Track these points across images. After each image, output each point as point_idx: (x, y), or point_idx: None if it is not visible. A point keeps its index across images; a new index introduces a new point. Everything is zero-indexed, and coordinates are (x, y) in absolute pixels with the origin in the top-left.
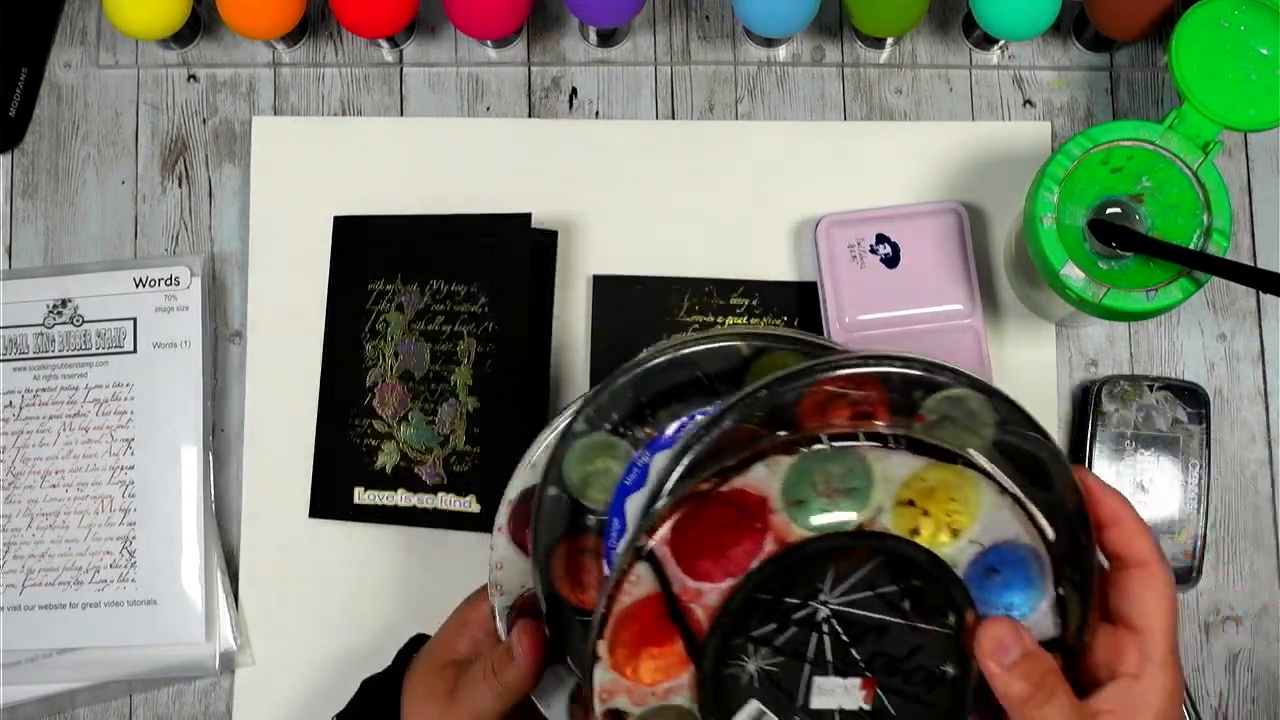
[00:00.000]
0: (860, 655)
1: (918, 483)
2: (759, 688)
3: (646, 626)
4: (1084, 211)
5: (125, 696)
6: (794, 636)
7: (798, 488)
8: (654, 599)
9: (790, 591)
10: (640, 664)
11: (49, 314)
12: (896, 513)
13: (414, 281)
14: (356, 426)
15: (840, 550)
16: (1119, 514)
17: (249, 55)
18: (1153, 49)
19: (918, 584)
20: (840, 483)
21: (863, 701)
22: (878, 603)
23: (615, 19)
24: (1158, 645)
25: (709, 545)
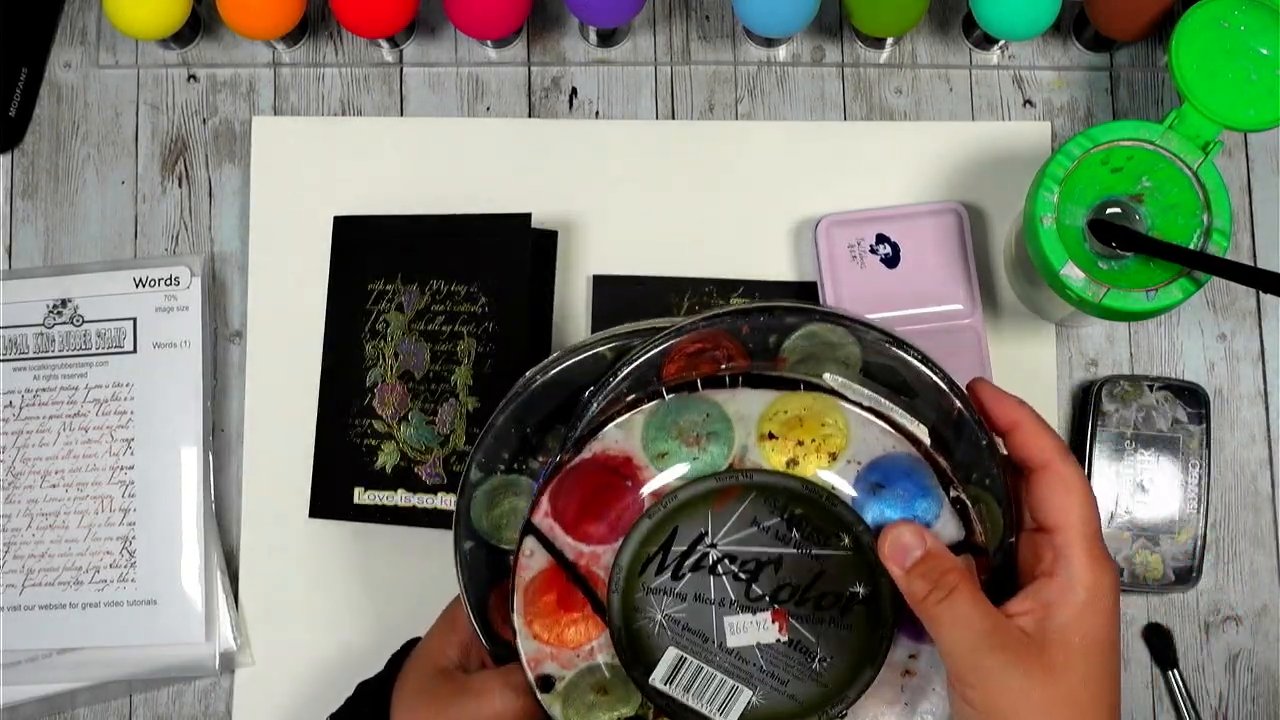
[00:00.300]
0: (763, 590)
1: (779, 415)
2: (672, 635)
3: (555, 595)
4: (1084, 211)
5: (125, 696)
6: (692, 582)
7: (658, 442)
8: (553, 569)
9: (676, 539)
10: (558, 630)
11: (49, 314)
12: (764, 447)
13: (414, 281)
14: (356, 426)
15: (713, 493)
16: (1016, 419)
17: (249, 55)
18: (1153, 49)
19: (799, 512)
20: (700, 429)
21: (778, 633)
22: (765, 536)
23: (615, 19)
24: (1073, 542)
25: (589, 510)
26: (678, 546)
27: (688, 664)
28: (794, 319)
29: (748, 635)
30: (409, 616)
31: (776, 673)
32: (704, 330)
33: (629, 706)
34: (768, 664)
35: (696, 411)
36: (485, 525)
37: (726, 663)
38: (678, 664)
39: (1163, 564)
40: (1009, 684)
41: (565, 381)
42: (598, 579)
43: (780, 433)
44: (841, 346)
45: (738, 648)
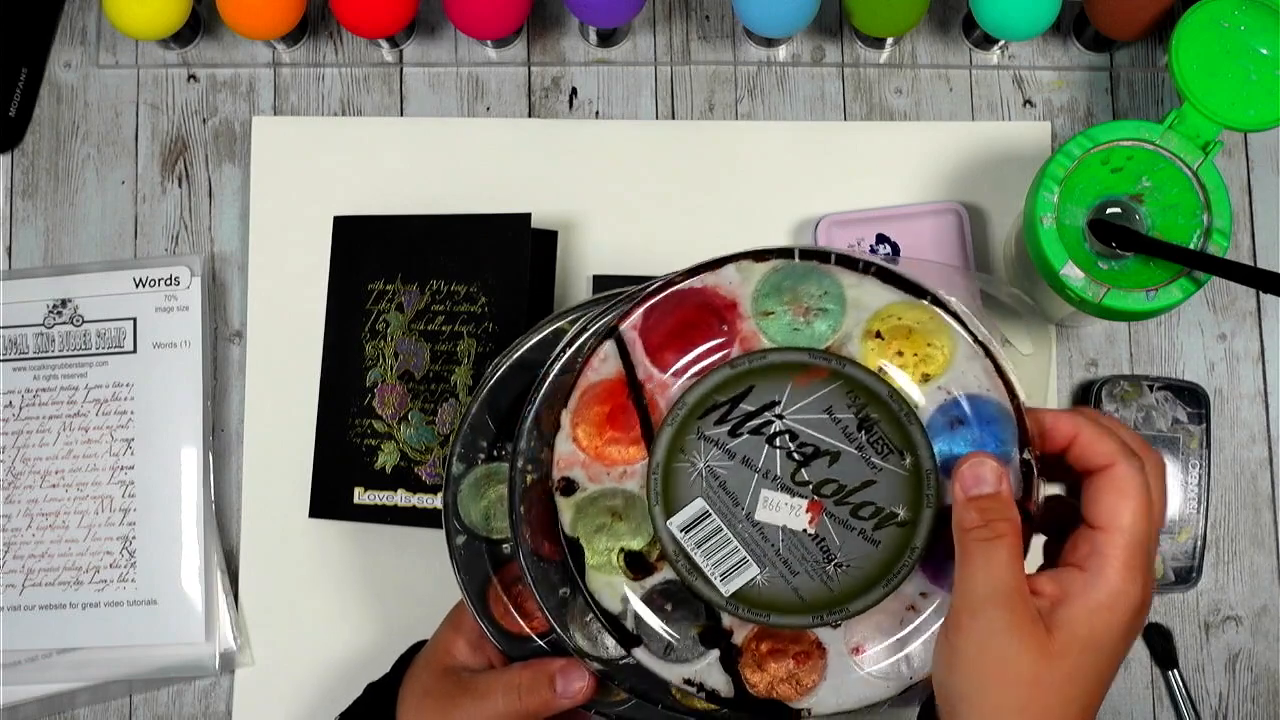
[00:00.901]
0: (810, 477)
1: (891, 317)
2: (707, 487)
3: (610, 409)
4: (1084, 211)
5: (125, 696)
6: (747, 444)
7: (769, 299)
8: (618, 382)
9: (749, 398)
10: (599, 443)
11: (49, 314)
12: (866, 343)
13: (414, 281)
14: (356, 426)
15: (802, 367)
16: (1070, 432)
17: (249, 55)
18: (1153, 49)
19: (876, 417)
20: (813, 302)
21: (807, 524)
22: (833, 428)
23: (615, 19)
24: (1113, 544)
25: (676, 339)
26: (747, 405)
27: (710, 520)
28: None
29: (779, 515)
30: (409, 616)
31: (790, 561)
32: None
33: (636, 540)
34: (785, 549)
35: (816, 284)
36: (475, 517)
37: (747, 533)
38: (701, 516)
39: (1163, 564)
40: (1001, 646)
41: (530, 362)
42: (656, 407)
43: (887, 335)
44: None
45: (764, 523)
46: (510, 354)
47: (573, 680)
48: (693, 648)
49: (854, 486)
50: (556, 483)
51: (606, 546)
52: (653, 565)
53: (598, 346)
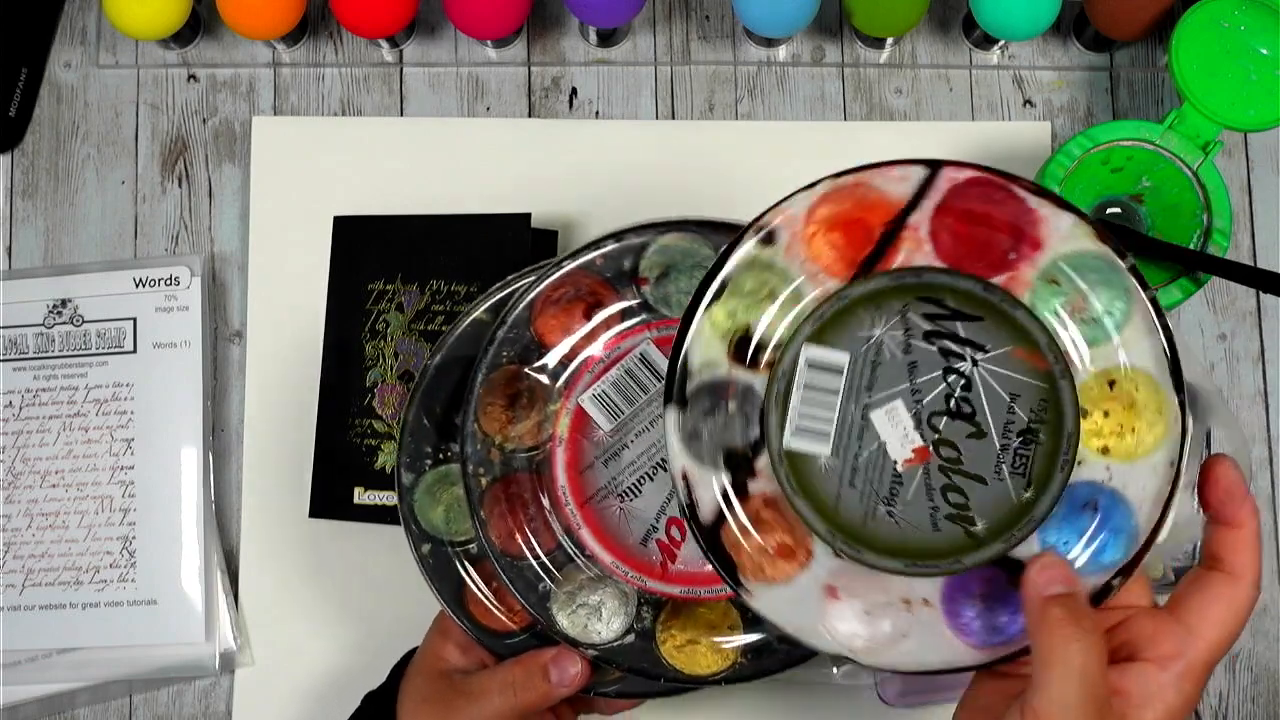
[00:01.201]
0: (944, 430)
1: (1133, 381)
2: (864, 352)
3: (860, 221)
4: None
5: (125, 696)
6: (929, 356)
7: (1063, 273)
8: (891, 206)
9: (969, 324)
10: (822, 236)
11: (49, 314)
12: (1095, 382)
13: (414, 281)
14: (356, 426)
15: (1035, 348)
16: (1241, 520)
17: (249, 55)
18: (1153, 49)
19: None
20: (1093, 309)
21: (903, 463)
22: (1003, 414)
23: (615, 19)
24: (1199, 649)
25: (969, 226)
26: (963, 329)
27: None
28: (642, 238)
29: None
30: (408, 616)
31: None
32: (562, 275)
33: (768, 331)
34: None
35: (1110, 300)
36: (435, 523)
37: (850, 417)
38: (833, 367)
39: (1163, 564)
40: None
41: (456, 358)
42: (897, 252)
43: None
44: (694, 252)
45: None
46: (435, 353)
47: (566, 668)
48: (712, 455)
49: (968, 472)
50: (763, 226)
51: (737, 311)
52: (755, 364)
53: (909, 164)
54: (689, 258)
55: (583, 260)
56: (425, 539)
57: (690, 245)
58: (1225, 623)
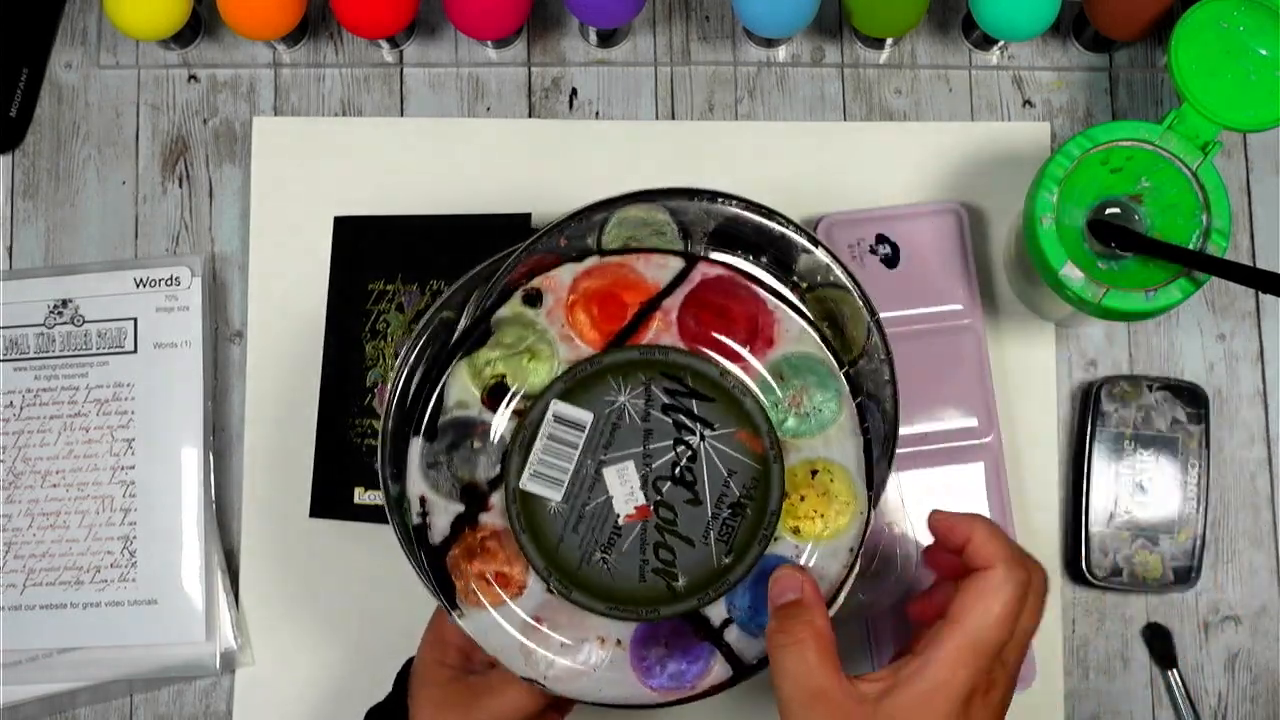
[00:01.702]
0: (664, 494)
1: (831, 473)
2: (605, 415)
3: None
4: (1083, 212)
5: (126, 696)
6: (664, 425)
7: (791, 368)
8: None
9: (704, 405)
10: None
11: (50, 314)
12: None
13: (414, 281)
14: (357, 426)
15: (756, 433)
16: (967, 533)
17: (249, 56)
18: (1152, 49)
19: (749, 515)
20: (808, 404)
21: (625, 517)
22: (719, 487)
23: (615, 19)
24: (950, 637)
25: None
26: (697, 407)
27: (578, 434)
28: (600, 214)
29: (618, 489)
30: (409, 616)
31: (582, 521)
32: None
33: (519, 383)
34: (590, 511)
35: (825, 397)
36: None
37: (584, 470)
38: (576, 424)
39: (1162, 564)
40: None
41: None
42: (646, 332)
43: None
44: (651, 219)
45: (604, 480)
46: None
47: None
48: (451, 487)
49: (680, 533)
50: (529, 288)
51: (494, 361)
52: (503, 409)
53: (669, 256)
54: (647, 225)
55: (547, 244)
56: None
57: (647, 214)
58: (975, 606)
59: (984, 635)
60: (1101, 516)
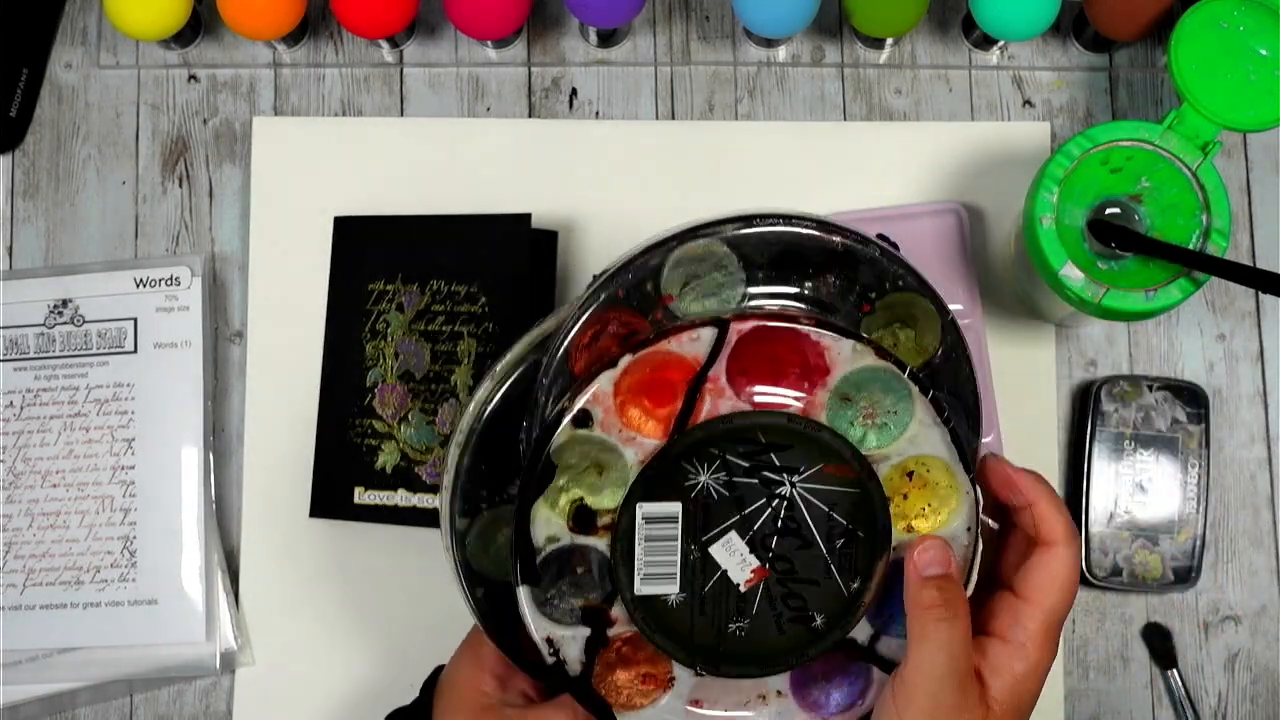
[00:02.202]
0: (776, 548)
1: (925, 466)
2: (692, 499)
3: (663, 381)
4: (1083, 212)
5: (126, 696)
6: (752, 487)
7: (854, 387)
8: (689, 364)
9: (781, 453)
10: (632, 403)
11: (50, 314)
12: (894, 473)
13: (414, 281)
14: (356, 426)
15: (841, 459)
16: (1032, 498)
17: (249, 56)
18: (1152, 49)
19: (861, 537)
20: (882, 414)
21: (744, 584)
22: (824, 523)
23: (615, 19)
24: (1037, 619)
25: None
26: (776, 457)
27: (673, 526)
28: (655, 258)
29: (729, 560)
30: (409, 616)
31: (708, 601)
32: (589, 316)
33: (600, 498)
34: (711, 589)
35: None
36: (489, 566)
37: (692, 555)
38: (668, 518)
39: (1162, 564)
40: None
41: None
42: (702, 406)
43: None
44: (712, 253)
45: (713, 557)
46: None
47: None
48: (570, 614)
49: (802, 578)
50: (577, 411)
51: (569, 488)
52: (596, 529)
53: (699, 327)
54: (705, 261)
55: (608, 298)
56: (481, 583)
57: (704, 249)
58: (1052, 586)
59: (1060, 614)
60: (1101, 516)
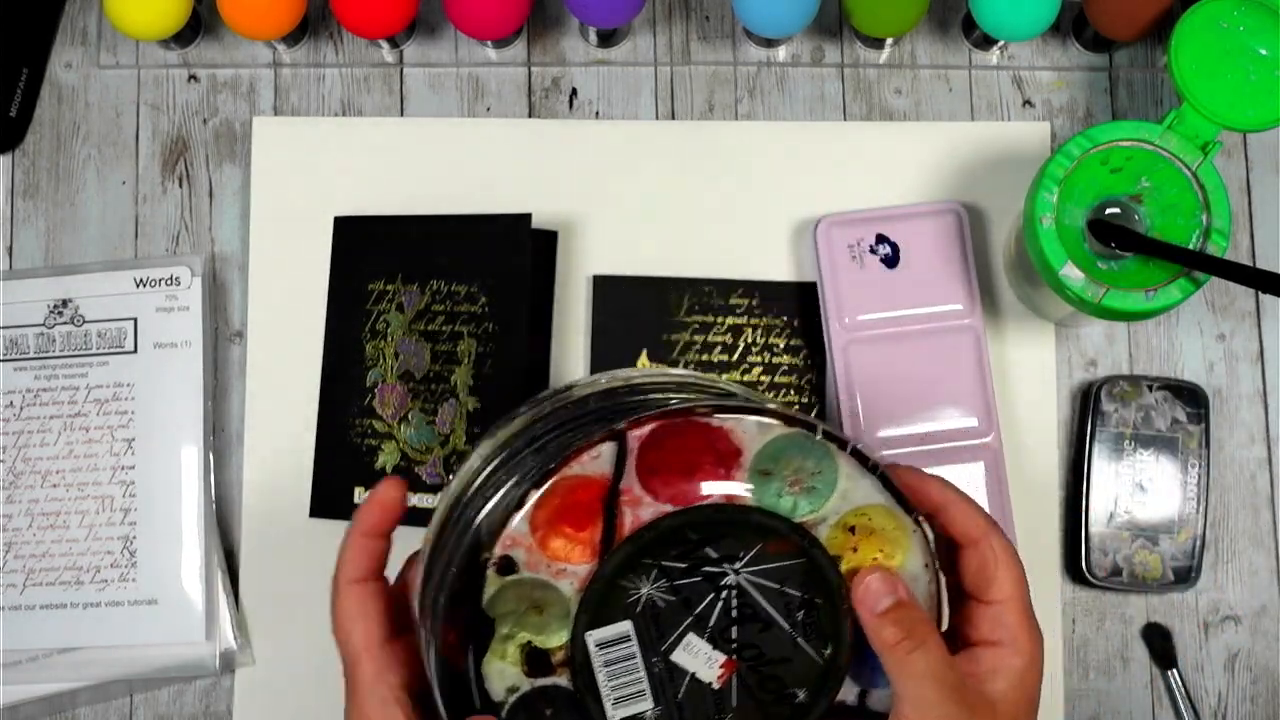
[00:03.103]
0: (737, 637)
1: (865, 516)
2: (638, 613)
3: (578, 505)
4: (1083, 211)
5: (126, 696)
6: (695, 586)
7: (771, 460)
8: (599, 483)
9: (715, 544)
10: (553, 535)
11: (50, 314)
12: (836, 531)
13: (414, 281)
14: (356, 426)
15: (777, 534)
16: (944, 499)
17: (249, 55)
18: (1152, 49)
19: (820, 604)
20: (807, 480)
21: (716, 680)
22: (779, 600)
23: (615, 19)
24: (1011, 611)
25: (672, 467)
26: (712, 551)
27: (628, 645)
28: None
29: (694, 662)
30: None
31: (685, 707)
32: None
33: (544, 637)
34: (685, 694)
35: (816, 463)
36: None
37: (657, 668)
38: (621, 639)
39: (1162, 564)
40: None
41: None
42: (623, 521)
43: (858, 530)
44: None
45: (677, 664)
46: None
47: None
48: None
49: (773, 658)
50: (496, 559)
51: (513, 634)
52: (553, 668)
53: (597, 444)
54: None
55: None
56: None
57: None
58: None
59: (1026, 599)
60: (1101, 516)
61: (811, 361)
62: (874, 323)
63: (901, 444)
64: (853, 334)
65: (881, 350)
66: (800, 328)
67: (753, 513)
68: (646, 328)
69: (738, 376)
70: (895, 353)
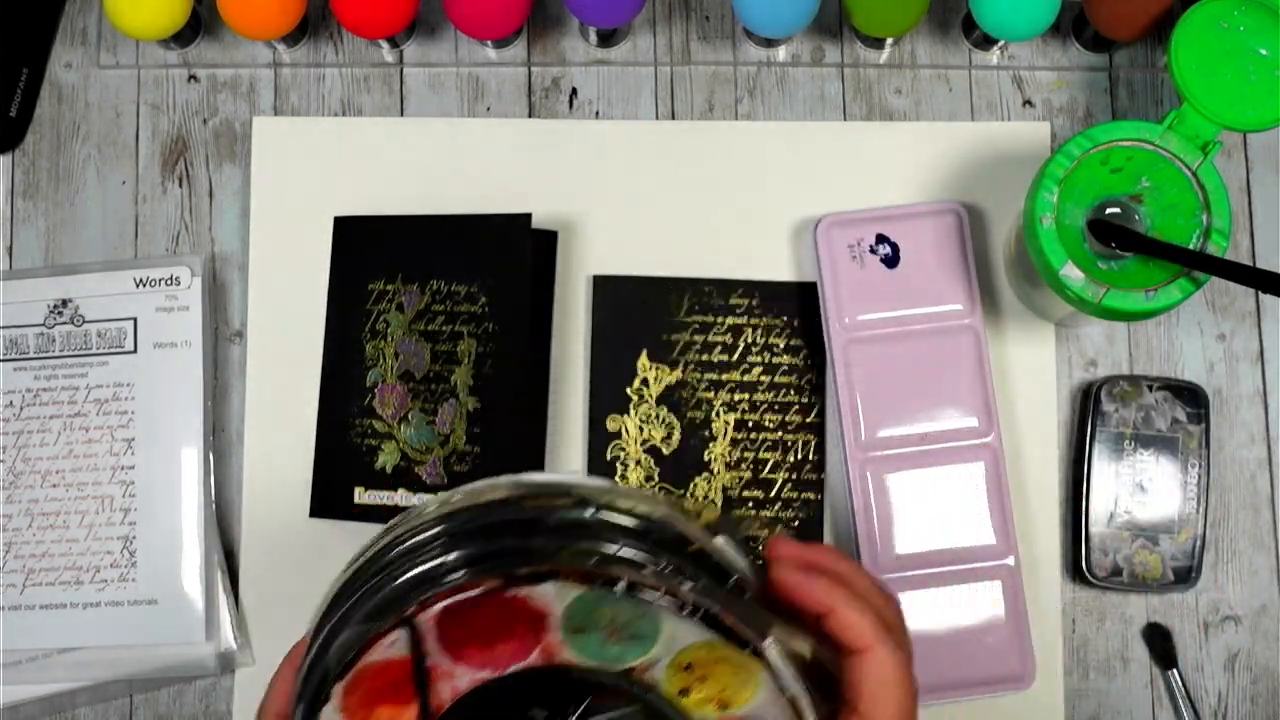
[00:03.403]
0: None
1: (703, 650)
2: None
3: (388, 684)
4: (1083, 211)
5: (125, 696)
6: None
7: (583, 616)
8: (403, 662)
9: (542, 704)
10: (368, 714)
11: (50, 314)
12: (671, 669)
13: (414, 281)
14: (356, 426)
15: (603, 686)
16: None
17: (249, 55)
18: (1152, 49)
19: None
20: (626, 628)
21: None
22: None
23: (615, 19)
24: None
25: (478, 635)
26: (539, 712)
27: None
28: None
29: None
30: None
31: None
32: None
33: None
34: None
35: (633, 610)
36: None
37: None
38: None
39: (1162, 564)
40: None
41: None
42: (437, 693)
43: (696, 666)
44: None
45: None
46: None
47: None
48: None
49: None
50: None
51: None
52: None
53: (388, 633)
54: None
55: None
56: None
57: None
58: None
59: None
60: (1101, 516)
61: (811, 361)
62: (874, 323)
63: (901, 444)
64: (853, 334)
65: (881, 350)
66: (800, 328)
67: (572, 670)
68: (646, 328)
69: (738, 376)
70: (895, 353)
